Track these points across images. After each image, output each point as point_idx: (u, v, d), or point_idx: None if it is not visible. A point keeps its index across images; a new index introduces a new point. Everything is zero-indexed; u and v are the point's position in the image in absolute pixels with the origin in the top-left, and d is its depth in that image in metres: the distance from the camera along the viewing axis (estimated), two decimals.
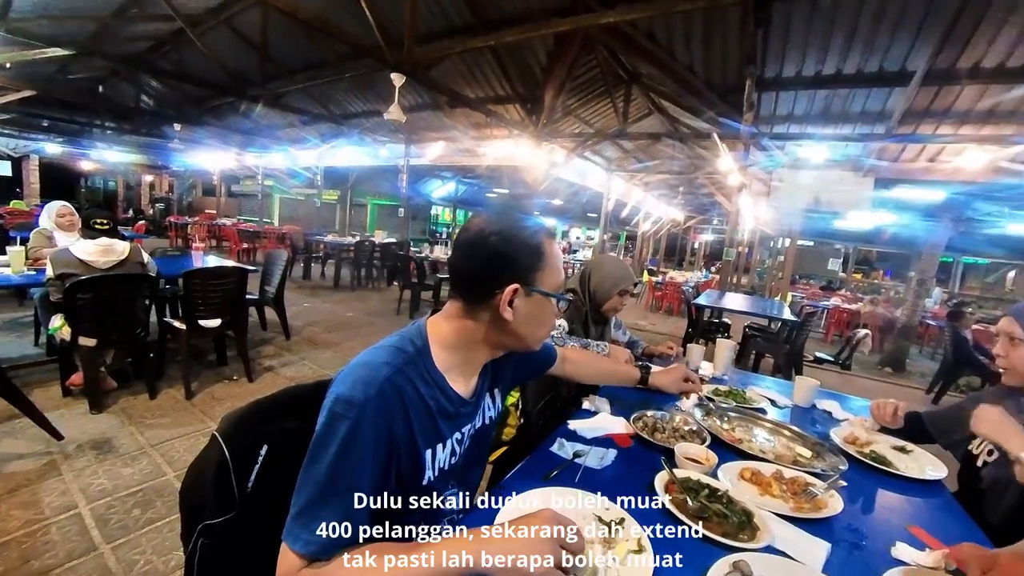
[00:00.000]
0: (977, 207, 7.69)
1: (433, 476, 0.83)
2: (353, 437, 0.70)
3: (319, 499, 0.69)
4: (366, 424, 0.71)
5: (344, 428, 0.70)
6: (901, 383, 6.01)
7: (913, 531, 1.02)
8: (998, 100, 4.78)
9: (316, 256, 9.10)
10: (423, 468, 0.81)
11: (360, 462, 0.71)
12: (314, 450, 0.71)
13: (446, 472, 0.87)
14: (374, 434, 0.72)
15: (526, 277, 0.80)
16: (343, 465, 0.69)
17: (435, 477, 0.84)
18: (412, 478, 0.80)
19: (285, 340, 4.58)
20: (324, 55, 6.41)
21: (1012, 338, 1.24)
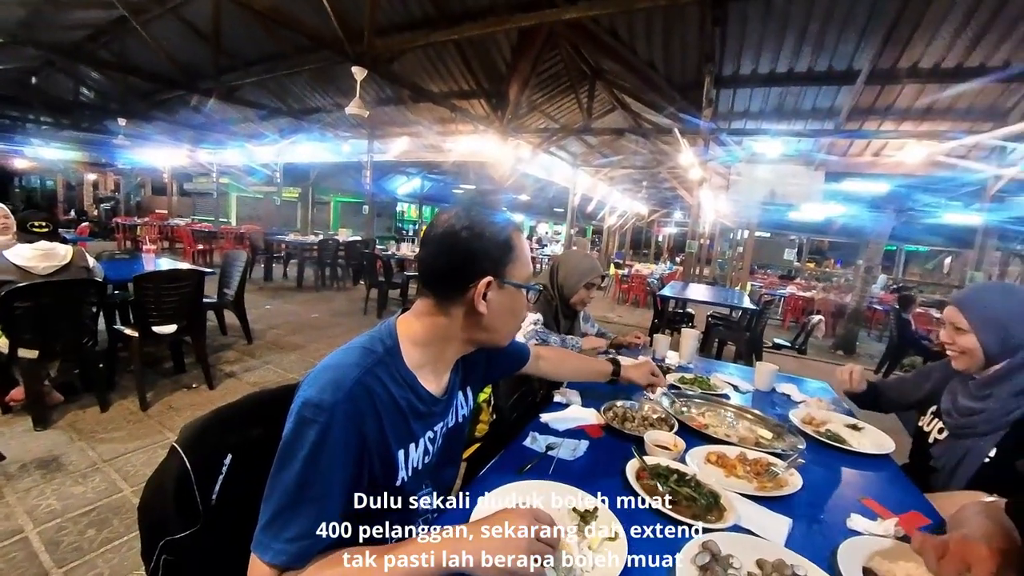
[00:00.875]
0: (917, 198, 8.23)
1: (407, 476, 0.82)
2: (323, 441, 0.68)
3: (289, 506, 0.67)
4: (336, 427, 0.69)
5: (313, 433, 0.68)
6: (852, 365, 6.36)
7: (866, 503, 1.08)
8: (935, 98, 5.12)
9: (277, 256, 8.79)
10: (396, 469, 0.80)
11: (331, 466, 0.69)
12: (282, 457, 0.69)
13: (420, 472, 0.86)
14: (345, 437, 0.70)
15: (498, 270, 0.80)
16: (313, 470, 0.67)
17: (409, 477, 0.83)
18: (385, 479, 0.79)
19: (247, 344, 4.42)
20: (281, 47, 6.18)
21: (956, 327, 1.30)
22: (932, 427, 1.40)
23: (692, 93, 5.63)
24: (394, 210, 21.93)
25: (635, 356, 2.10)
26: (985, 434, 1.24)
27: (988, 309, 1.25)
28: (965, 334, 1.27)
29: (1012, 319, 1.21)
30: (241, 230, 11.78)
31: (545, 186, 12.91)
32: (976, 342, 1.25)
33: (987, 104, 5.16)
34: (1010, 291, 1.29)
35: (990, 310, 1.24)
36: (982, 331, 1.24)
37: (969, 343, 1.26)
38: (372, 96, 7.67)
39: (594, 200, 13.66)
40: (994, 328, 1.23)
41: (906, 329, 5.69)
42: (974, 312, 1.26)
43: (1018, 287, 1.36)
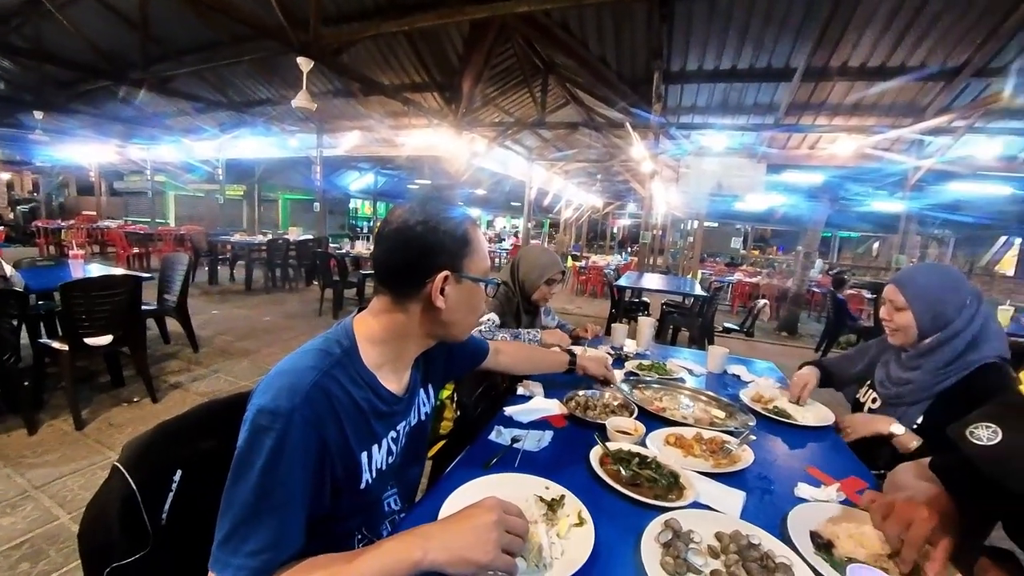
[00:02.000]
0: (848, 188, 8.85)
1: (371, 479, 0.81)
2: (281, 449, 0.65)
3: (248, 519, 0.64)
4: (294, 434, 0.66)
5: (270, 441, 0.65)
6: (795, 345, 6.78)
7: (811, 471, 1.16)
8: (862, 95, 5.51)
9: (223, 258, 8.33)
10: (360, 472, 0.79)
11: (290, 474, 0.66)
12: (237, 468, 0.66)
13: (384, 473, 0.85)
14: (304, 443, 0.67)
15: (455, 264, 0.79)
16: (272, 480, 0.65)
17: (373, 479, 0.81)
18: (348, 483, 0.77)
19: (193, 353, 4.18)
20: (218, 35, 5.83)
21: (895, 304, 1.39)
22: (867, 398, 1.51)
23: (642, 88, 5.78)
24: (347, 207, 21.30)
25: (594, 346, 2.15)
26: (913, 403, 1.35)
27: (923, 288, 1.34)
28: (903, 311, 1.36)
29: (943, 297, 1.30)
30: (181, 231, 11.07)
31: (501, 180, 12.91)
32: (912, 318, 1.34)
33: (907, 101, 5.60)
34: (942, 271, 1.39)
35: (925, 288, 1.34)
36: (917, 308, 1.33)
37: (906, 319, 1.35)
38: (320, 88, 7.39)
39: (550, 193, 13.80)
40: (928, 305, 1.32)
41: (841, 310, 6.12)
42: (910, 290, 1.35)
43: (950, 267, 1.46)
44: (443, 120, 6.79)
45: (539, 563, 0.75)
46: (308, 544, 0.69)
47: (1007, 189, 7.85)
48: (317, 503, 0.72)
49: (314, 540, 0.70)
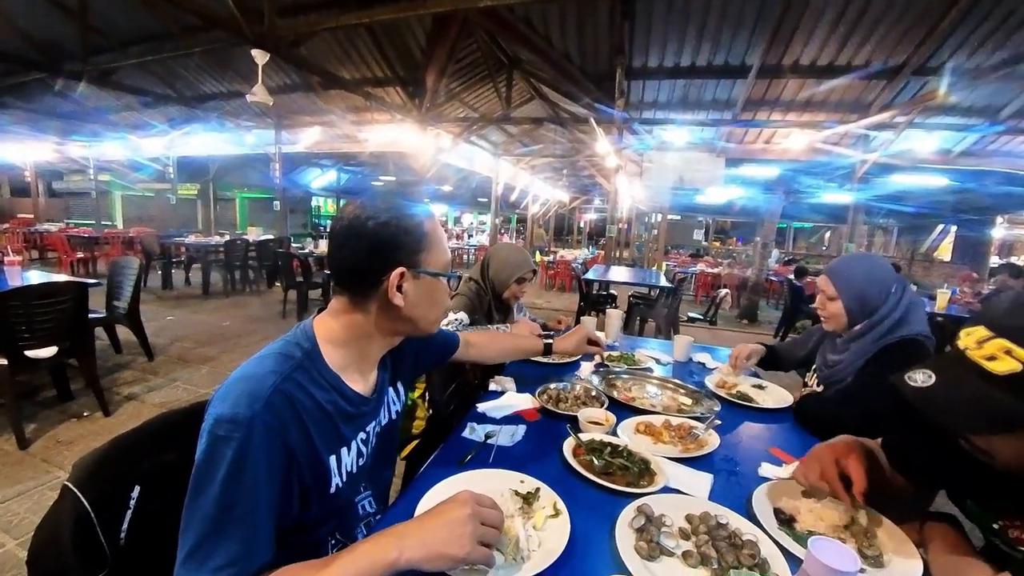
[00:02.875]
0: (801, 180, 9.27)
1: (341, 482, 0.79)
2: (243, 458, 0.63)
3: (213, 533, 0.61)
4: (256, 441, 0.64)
5: (230, 451, 0.62)
6: (755, 331, 7.06)
7: (773, 452, 1.21)
8: (812, 92, 5.77)
9: (177, 261, 7.94)
10: (328, 476, 0.76)
11: (255, 484, 0.64)
12: (197, 481, 0.63)
13: (355, 475, 0.83)
14: (267, 451, 0.65)
15: (411, 259, 0.77)
16: (235, 491, 0.62)
17: (344, 483, 0.79)
18: (318, 488, 0.75)
19: (148, 362, 3.98)
20: (166, 25, 5.52)
21: (827, 294, 1.46)
22: (812, 382, 1.59)
23: (605, 84, 5.85)
24: (309, 205, 20.66)
25: None
26: (844, 380, 1.43)
27: (851, 278, 1.42)
28: (834, 300, 1.43)
29: (869, 286, 1.38)
30: (130, 234, 10.46)
31: (468, 176, 12.82)
32: (842, 307, 1.42)
33: (853, 98, 5.89)
34: (869, 261, 1.47)
35: (853, 279, 1.41)
36: (846, 297, 1.41)
37: (837, 308, 1.43)
38: (277, 82, 7.11)
39: (517, 189, 13.82)
40: (855, 294, 1.40)
41: (797, 297, 6.41)
42: (840, 281, 1.43)
43: (876, 258, 1.54)
44: (407, 115, 6.68)
45: (517, 556, 0.75)
46: (279, 554, 0.67)
47: (943, 180, 8.41)
48: (285, 511, 0.70)
49: (285, 549, 0.68)
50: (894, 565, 0.79)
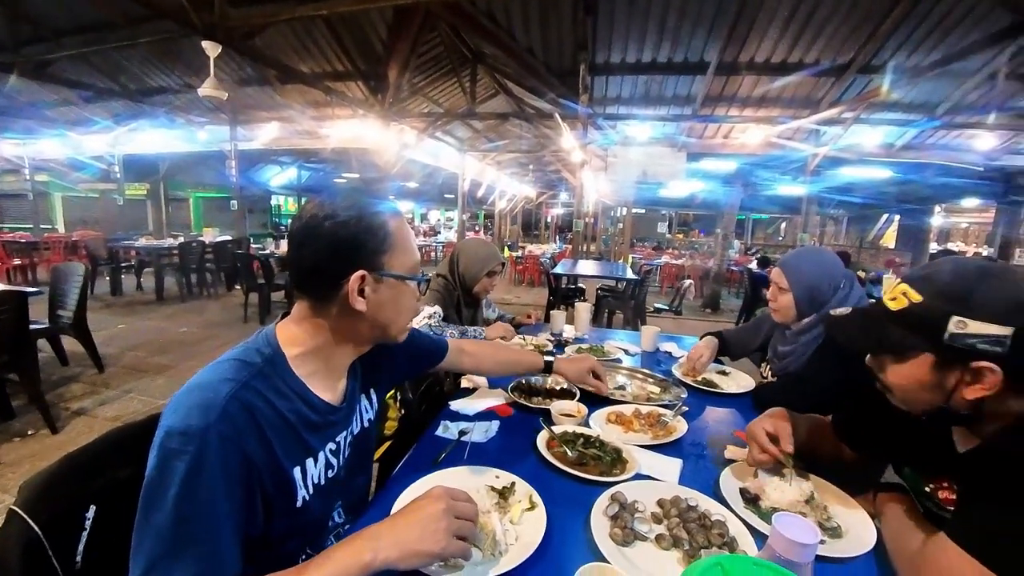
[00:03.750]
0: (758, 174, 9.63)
1: (308, 495, 0.74)
2: (197, 472, 0.59)
3: (168, 553, 0.57)
4: (211, 454, 0.60)
5: (183, 465, 0.58)
6: (718, 320, 7.31)
7: (737, 434, 1.26)
8: (767, 88, 6.00)
9: (127, 265, 7.50)
10: (294, 489, 0.72)
11: (211, 499, 0.60)
12: (148, 499, 0.59)
13: (324, 488, 0.78)
14: (223, 462, 0.61)
15: (373, 261, 0.72)
16: (190, 508, 0.58)
17: (311, 496, 0.75)
18: (282, 502, 0.71)
19: (98, 373, 3.75)
20: (106, 14, 5.18)
21: (779, 287, 1.50)
22: (767, 372, 1.66)
23: (569, 79, 5.90)
24: (268, 204, 19.91)
25: (535, 333, 2.20)
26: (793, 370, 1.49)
27: (802, 272, 1.46)
28: (785, 293, 1.47)
29: (819, 280, 1.43)
30: (73, 238, 9.80)
31: (433, 172, 12.68)
32: (792, 300, 1.46)
33: (804, 94, 6.16)
34: (820, 256, 1.51)
35: (803, 272, 1.45)
36: (797, 290, 1.45)
37: (787, 300, 1.47)
38: (231, 76, 6.80)
39: (484, 185, 13.77)
40: (805, 288, 1.44)
41: (756, 285, 6.67)
42: (792, 274, 1.47)
43: (827, 252, 1.57)
44: (369, 110, 6.53)
45: (494, 551, 0.76)
46: (247, 569, 0.64)
47: (887, 173, 8.93)
48: (250, 525, 0.66)
49: (253, 565, 0.65)
50: (851, 534, 0.85)
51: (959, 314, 0.67)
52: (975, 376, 0.68)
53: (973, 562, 0.62)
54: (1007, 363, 0.65)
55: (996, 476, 0.67)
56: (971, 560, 0.62)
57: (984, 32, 4.27)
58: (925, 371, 0.72)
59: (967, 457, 0.76)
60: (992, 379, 0.67)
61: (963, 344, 0.67)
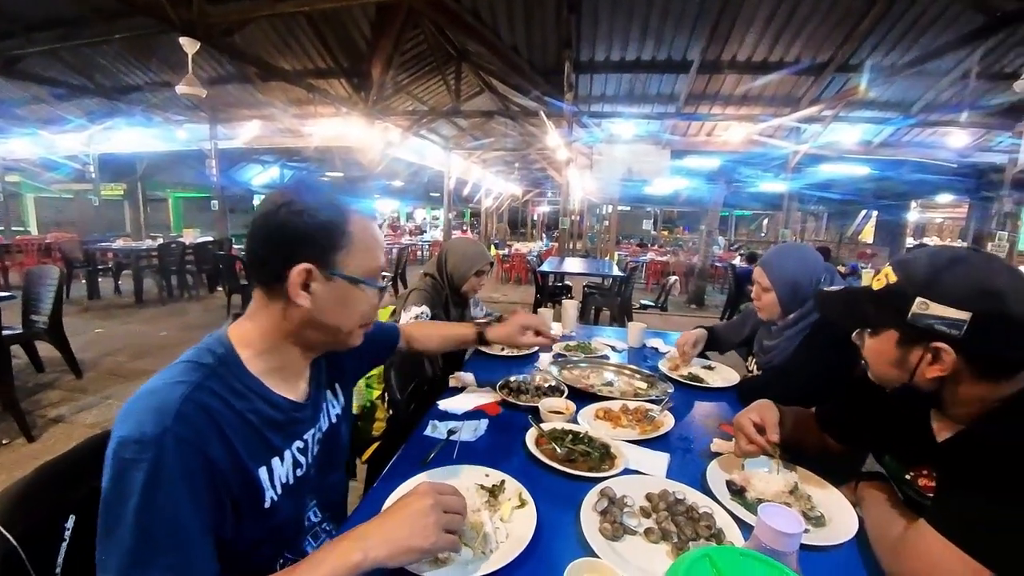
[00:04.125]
0: (741, 171, 9.77)
1: (276, 495, 0.71)
2: (156, 480, 0.56)
3: (134, 567, 0.55)
4: (169, 459, 0.57)
5: (141, 475, 0.56)
6: (703, 315, 7.40)
7: (723, 427, 1.28)
8: (749, 87, 6.09)
9: (104, 268, 7.28)
10: (261, 490, 0.69)
11: (176, 505, 0.57)
12: (108, 514, 0.56)
13: (293, 487, 0.75)
14: (184, 467, 0.58)
15: (324, 257, 0.68)
16: (152, 517, 0.56)
17: (280, 495, 0.72)
18: (250, 504, 0.68)
19: (76, 379, 3.65)
20: (79, 9, 5.03)
21: (762, 285, 1.51)
22: (752, 366, 1.68)
23: (554, 77, 5.91)
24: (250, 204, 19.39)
25: None
26: None
27: (784, 269, 1.47)
28: (768, 291, 1.48)
29: (801, 277, 1.44)
30: (47, 240, 9.52)
31: (419, 170, 12.60)
32: (775, 298, 1.47)
33: (785, 92, 6.27)
34: (800, 253, 1.52)
35: (785, 270, 1.47)
36: (780, 288, 1.46)
37: (771, 299, 1.48)
38: (210, 73, 6.66)
39: (469, 183, 13.73)
40: (788, 285, 1.45)
41: (741, 281, 6.76)
42: (774, 272, 1.48)
43: (808, 249, 1.58)
44: (353, 108, 6.45)
45: (485, 550, 0.76)
46: None
47: (865, 169, 9.14)
48: (220, 529, 0.64)
49: (229, 572, 0.64)
50: (834, 523, 0.87)
51: (924, 296, 0.71)
52: (934, 356, 0.71)
53: (951, 546, 0.64)
54: (962, 347, 0.69)
55: (972, 464, 0.69)
56: (949, 545, 0.64)
57: (956, 32, 4.39)
58: (891, 347, 0.77)
59: (945, 446, 0.78)
60: (948, 360, 0.70)
61: (923, 324, 0.71)
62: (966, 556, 0.63)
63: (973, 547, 0.63)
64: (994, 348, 0.68)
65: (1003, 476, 0.65)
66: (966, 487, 0.68)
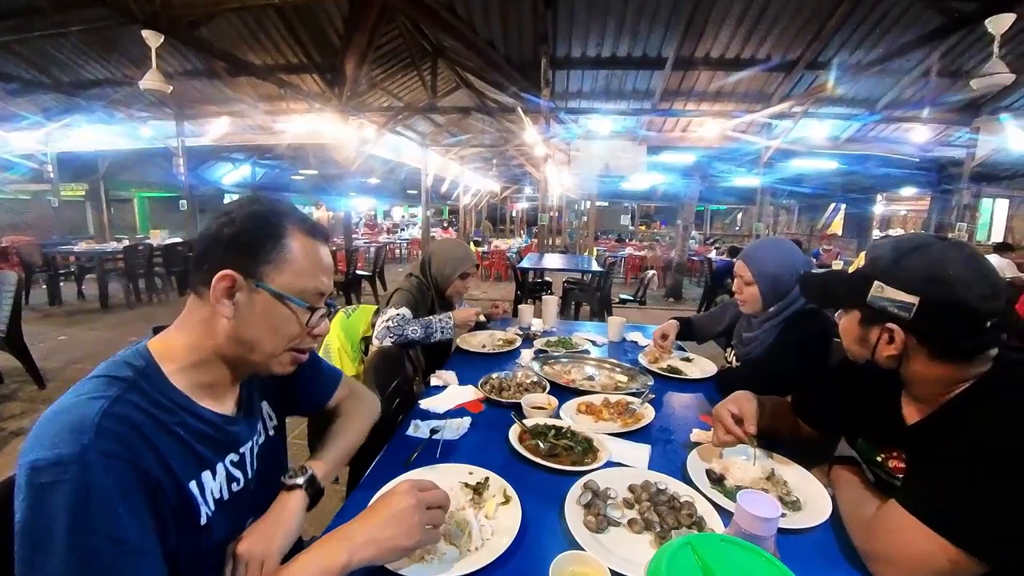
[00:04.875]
0: (715, 166, 9.95)
1: (211, 511, 0.66)
2: (86, 498, 0.50)
3: None
4: (97, 474, 0.51)
5: (64, 497, 0.50)
6: (680, 308, 7.53)
7: (703, 418, 1.31)
8: (722, 83, 6.19)
9: (66, 272, 6.96)
10: (195, 504, 0.64)
11: (114, 521, 0.52)
12: (29, 548, 0.50)
13: (229, 502, 0.69)
14: (115, 480, 0.53)
15: (250, 268, 0.65)
16: (90, 536, 0.50)
17: (214, 511, 0.66)
18: (186, 519, 0.62)
19: (38, 390, 3.49)
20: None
21: (743, 279, 1.53)
22: (731, 357, 1.72)
23: (531, 73, 5.90)
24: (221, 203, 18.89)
25: (503, 328, 2.21)
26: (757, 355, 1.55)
27: (765, 263, 1.49)
28: (751, 285, 1.51)
29: (781, 270, 1.47)
30: (3, 244, 9.06)
31: (395, 167, 12.46)
32: (758, 291, 1.49)
33: (757, 89, 6.40)
34: (781, 247, 1.56)
35: (766, 263, 1.49)
36: (761, 281, 1.49)
37: (753, 292, 1.50)
38: (175, 67, 6.42)
39: (447, 180, 13.63)
40: (769, 279, 1.48)
41: (717, 274, 6.90)
42: (756, 266, 1.50)
43: (787, 243, 1.62)
44: (326, 104, 6.32)
45: (471, 548, 0.76)
46: None
47: (834, 164, 9.42)
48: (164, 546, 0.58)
49: None
50: (809, 506, 0.90)
51: (881, 280, 0.78)
52: (889, 336, 0.78)
53: (920, 525, 0.67)
54: (911, 328, 0.75)
55: (939, 446, 0.72)
56: (918, 523, 0.67)
57: (918, 32, 4.54)
58: (855, 325, 0.84)
59: (914, 429, 0.82)
60: (899, 340, 0.77)
61: (878, 305, 0.78)
62: (933, 533, 0.65)
63: (940, 525, 0.65)
64: (942, 330, 0.74)
65: (968, 456, 0.67)
66: (934, 468, 0.71)
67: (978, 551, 0.63)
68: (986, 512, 0.64)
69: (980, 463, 0.65)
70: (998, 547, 0.63)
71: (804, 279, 1.00)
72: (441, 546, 0.76)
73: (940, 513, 0.66)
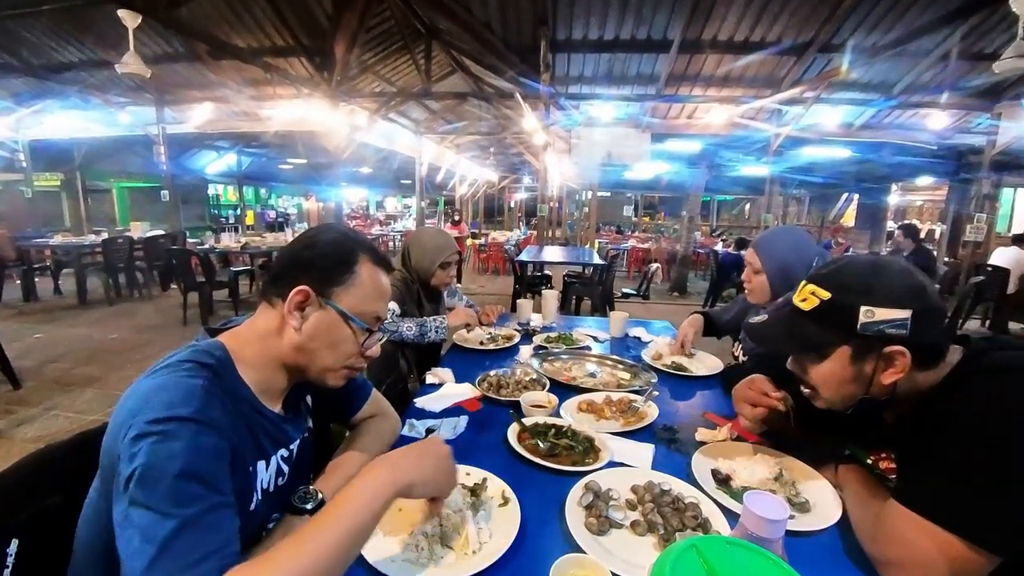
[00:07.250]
0: (722, 154, 9.73)
1: (258, 499, 0.73)
2: (196, 450, 0.57)
3: (183, 528, 0.53)
4: (204, 435, 0.59)
5: (180, 444, 0.57)
6: (685, 303, 7.43)
7: (707, 416, 1.25)
8: (730, 67, 6.00)
9: (41, 267, 6.70)
10: (251, 489, 0.71)
11: (216, 473, 0.59)
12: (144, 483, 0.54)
13: (273, 496, 0.76)
14: (216, 442, 0.60)
15: (323, 287, 0.74)
16: (192, 484, 0.55)
17: (259, 500, 0.73)
18: (241, 501, 0.66)
19: (13, 390, 3.37)
20: None
21: (753, 267, 1.49)
22: (738, 352, 1.65)
23: (530, 57, 5.73)
24: (205, 194, 18.28)
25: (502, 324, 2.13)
26: None
27: (776, 251, 1.45)
28: (759, 274, 1.46)
29: (793, 260, 1.41)
30: None
31: (388, 156, 12.17)
32: (766, 280, 1.45)
33: (767, 73, 6.22)
34: (793, 235, 1.51)
35: (777, 252, 1.45)
36: (771, 271, 1.44)
37: (762, 281, 1.46)
38: (154, 50, 6.18)
39: (442, 169, 13.42)
40: (779, 268, 1.42)
41: (722, 267, 6.78)
42: (766, 254, 1.45)
43: (799, 231, 1.59)
44: (315, 90, 6.10)
45: (468, 551, 0.75)
46: None
47: (846, 152, 9.18)
48: None
49: None
50: (818, 508, 0.88)
51: (867, 304, 0.74)
52: (888, 361, 0.74)
53: (920, 520, 0.65)
54: (910, 343, 0.73)
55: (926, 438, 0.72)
56: (918, 519, 0.66)
57: (937, 12, 4.37)
58: (845, 364, 0.77)
59: (895, 427, 0.83)
60: (903, 361, 0.73)
61: (874, 331, 0.74)
62: (936, 528, 0.64)
63: (938, 516, 0.64)
64: (932, 338, 0.74)
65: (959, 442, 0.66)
66: (925, 460, 0.70)
67: (985, 541, 0.61)
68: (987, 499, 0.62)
69: (974, 447, 0.65)
70: (1008, 537, 0.61)
71: (752, 331, 0.90)
72: (437, 549, 0.75)
73: (936, 502, 0.65)
